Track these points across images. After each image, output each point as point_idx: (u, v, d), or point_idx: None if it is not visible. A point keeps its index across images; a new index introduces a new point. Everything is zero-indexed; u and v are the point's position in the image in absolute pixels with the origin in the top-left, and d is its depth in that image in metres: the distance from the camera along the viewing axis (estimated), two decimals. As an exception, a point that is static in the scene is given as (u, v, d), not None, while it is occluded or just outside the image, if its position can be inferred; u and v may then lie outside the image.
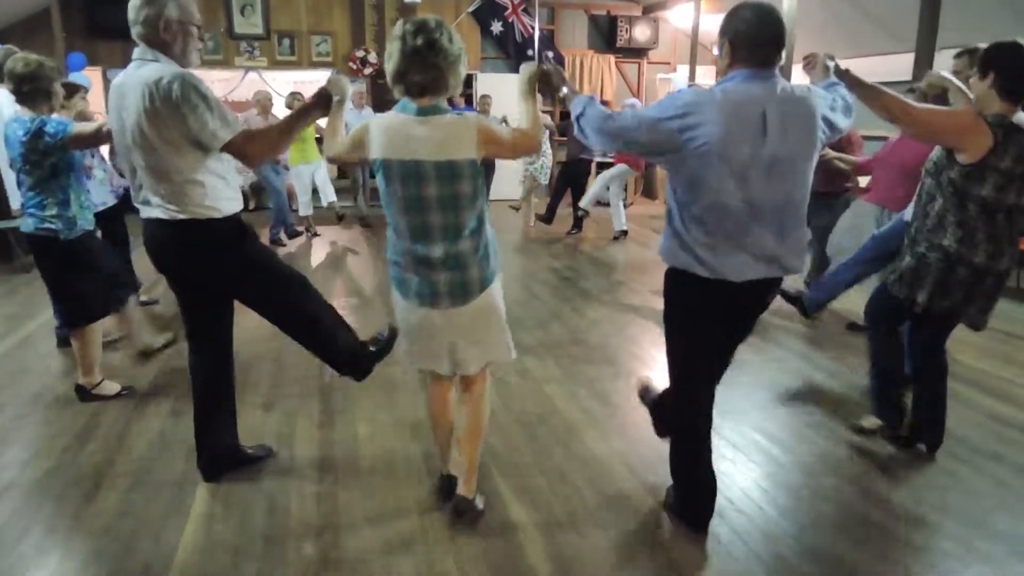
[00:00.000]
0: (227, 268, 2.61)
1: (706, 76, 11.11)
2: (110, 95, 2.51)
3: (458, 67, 2.23)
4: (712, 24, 10.37)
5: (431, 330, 2.42)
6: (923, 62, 5.69)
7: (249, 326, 4.87)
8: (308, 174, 8.09)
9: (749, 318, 2.49)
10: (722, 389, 2.56)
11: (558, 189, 8.63)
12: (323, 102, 2.63)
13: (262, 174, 7.75)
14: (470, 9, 10.47)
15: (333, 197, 8.34)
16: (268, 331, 4.78)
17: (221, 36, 9.98)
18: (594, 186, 8.39)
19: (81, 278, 3.51)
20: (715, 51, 2.26)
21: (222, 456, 2.89)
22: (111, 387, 3.69)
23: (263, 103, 7.51)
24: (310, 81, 10.30)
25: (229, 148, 2.44)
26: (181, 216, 2.48)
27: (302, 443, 3.19)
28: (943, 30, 5.70)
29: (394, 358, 2.53)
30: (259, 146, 2.52)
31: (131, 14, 2.42)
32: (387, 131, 2.24)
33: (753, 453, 3.15)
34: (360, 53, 10.35)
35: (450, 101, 2.35)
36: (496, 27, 10.79)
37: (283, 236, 7.89)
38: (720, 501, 2.74)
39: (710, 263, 2.21)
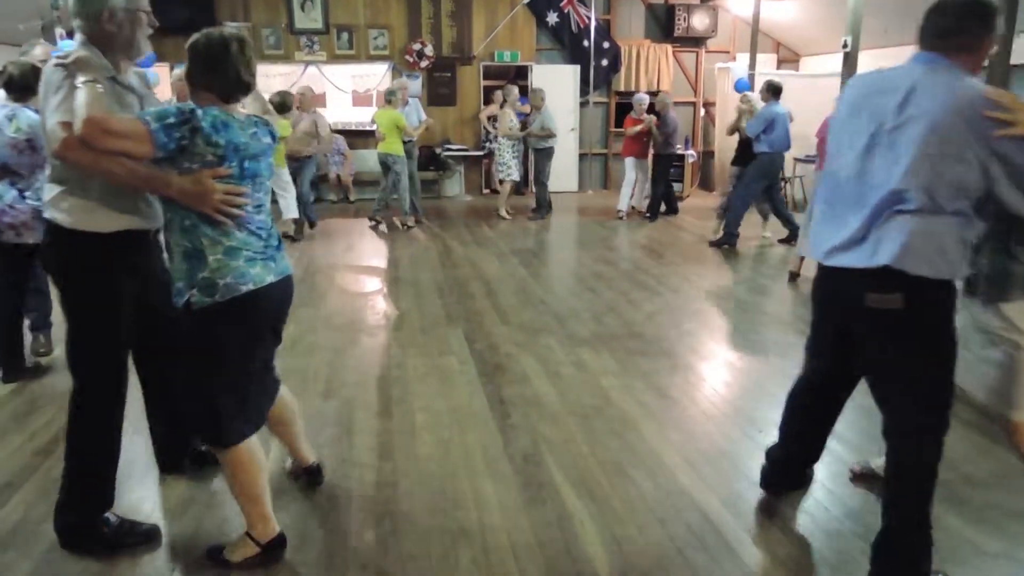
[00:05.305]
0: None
1: (767, 65, 10.86)
2: None
3: None
4: (772, 12, 10.12)
5: None
6: (1000, 46, 5.43)
7: (306, 316, 5.01)
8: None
9: None
10: (789, 386, 2.51)
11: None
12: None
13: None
14: (525, 0, 10.45)
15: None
16: (324, 321, 4.91)
17: (282, 31, 10.20)
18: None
19: None
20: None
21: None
22: None
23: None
24: (368, 74, 10.44)
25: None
26: None
27: (361, 432, 3.24)
28: (1022, 12, 5.43)
29: (450, 348, 2.51)
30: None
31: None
32: None
33: (817, 451, 3.06)
34: (416, 46, 10.43)
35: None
36: (552, 18, 10.74)
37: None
38: (783, 503, 2.68)
39: None
